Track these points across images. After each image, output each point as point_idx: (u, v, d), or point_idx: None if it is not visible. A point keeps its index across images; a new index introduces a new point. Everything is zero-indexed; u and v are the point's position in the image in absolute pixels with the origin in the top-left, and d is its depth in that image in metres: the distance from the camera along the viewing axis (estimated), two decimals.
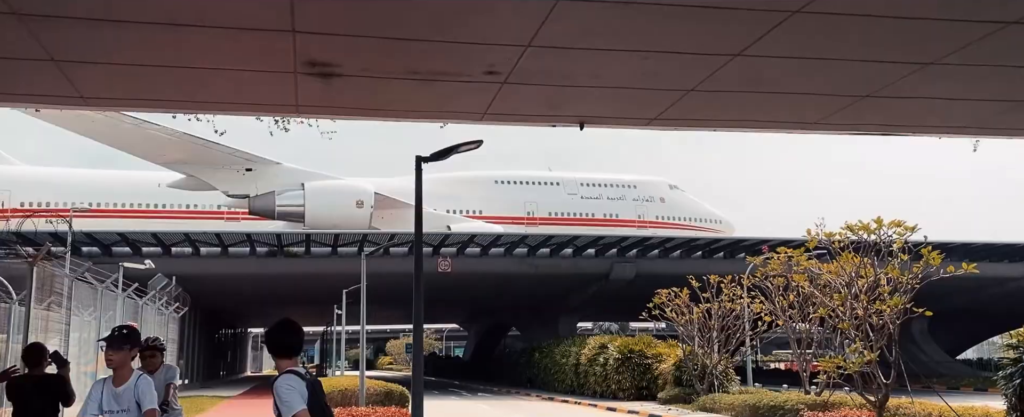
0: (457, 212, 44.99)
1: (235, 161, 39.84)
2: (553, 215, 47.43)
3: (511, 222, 45.24)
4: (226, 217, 42.12)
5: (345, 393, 21.54)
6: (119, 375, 5.13)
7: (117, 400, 5.01)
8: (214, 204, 42.34)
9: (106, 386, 5.05)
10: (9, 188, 40.14)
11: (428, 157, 13.16)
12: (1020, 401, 9.76)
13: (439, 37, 5.10)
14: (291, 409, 4.29)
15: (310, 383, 4.49)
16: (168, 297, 25.65)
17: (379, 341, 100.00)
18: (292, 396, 4.32)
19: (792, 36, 5.06)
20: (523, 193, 47.91)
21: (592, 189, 49.47)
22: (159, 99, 6.36)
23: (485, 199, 46.54)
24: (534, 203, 47.30)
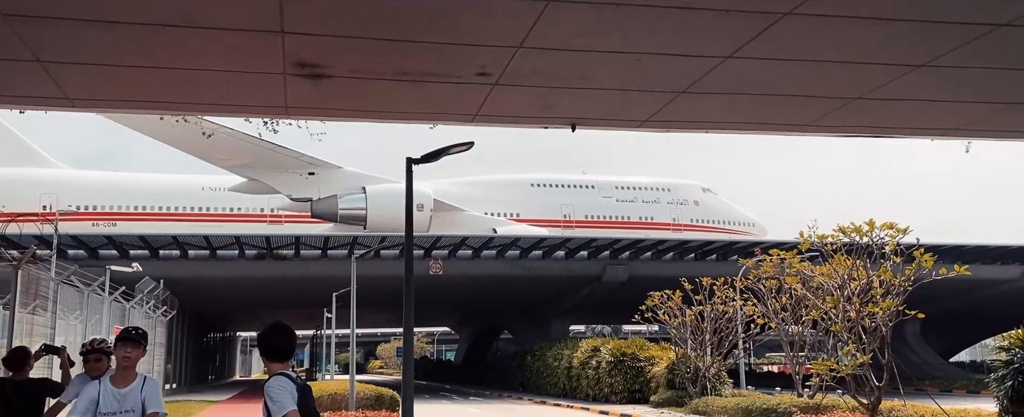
0: (494, 215, 45.41)
1: (299, 165, 40.22)
2: (589, 218, 47.90)
3: (548, 225, 45.67)
4: (269, 220, 42.62)
5: (335, 397, 21.49)
6: (126, 375, 5.03)
7: (120, 401, 4.92)
8: (257, 207, 42.78)
9: (104, 386, 4.93)
10: (56, 191, 40.52)
11: (419, 159, 13.16)
12: (1012, 403, 9.83)
13: (429, 38, 5.11)
14: (282, 409, 4.33)
15: (300, 387, 4.53)
16: (156, 300, 25.52)
17: (369, 345, 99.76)
18: (283, 396, 4.35)
19: (783, 38, 5.08)
20: (559, 196, 48.38)
21: (627, 192, 50.05)
22: (147, 100, 6.34)
23: (522, 202, 46.96)
24: (570, 206, 47.77)
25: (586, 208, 48.18)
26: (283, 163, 40.01)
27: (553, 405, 29.08)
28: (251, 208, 42.83)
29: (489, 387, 43.13)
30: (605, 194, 49.34)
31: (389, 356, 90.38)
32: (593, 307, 43.79)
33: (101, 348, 6.20)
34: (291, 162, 39.96)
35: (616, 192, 49.71)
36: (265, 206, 42.80)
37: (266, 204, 42.66)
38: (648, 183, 51.61)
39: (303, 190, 40.62)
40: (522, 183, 48.67)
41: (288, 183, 40.42)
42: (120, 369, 5.04)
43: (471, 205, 44.45)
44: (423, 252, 35.05)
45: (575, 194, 48.71)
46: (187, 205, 42.62)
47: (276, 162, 39.76)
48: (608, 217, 48.27)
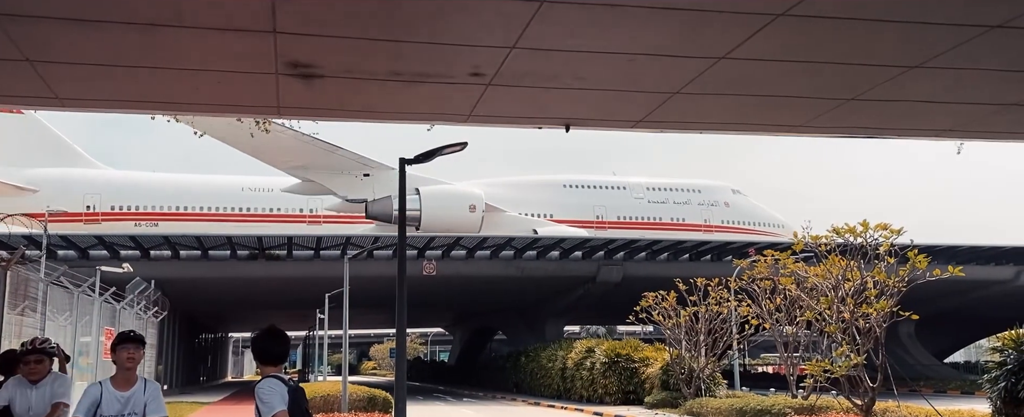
0: (529, 216, 45.78)
1: (354, 166, 40.79)
2: (621, 219, 48.17)
3: (581, 225, 45.94)
4: (308, 221, 43.07)
5: (327, 399, 21.44)
6: (129, 377, 5.05)
7: (123, 404, 4.93)
8: (296, 208, 43.27)
9: (106, 388, 4.94)
10: (99, 192, 41.22)
11: (411, 160, 13.16)
12: (1005, 404, 9.88)
13: (422, 38, 5.11)
14: (271, 409, 4.41)
15: (292, 389, 4.59)
16: (147, 301, 25.44)
17: (362, 346, 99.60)
18: (272, 397, 4.44)
19: (777, 39, 5.10)
20: (591, 197, 48.67)
21: (658, 193, 50.26)
22: (138, 100, 6.32)
23: (555, 203, 47.23)
24: (603, 207, 48.08)
25: (618, 209, 48.58)
26: (339, 164, 40.54)
27: (547, 406, 29.09)
28: (291, 208, 43.44)
29: (483, 388, 43.13)
30: (636, 195, 49.66)
31: (382, 357, 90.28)
32: (587, 308, 43.83)
33: (43, 348, 5.96)
34: (347, 163, 40.53)
35: (647, 193, 50.00)
36: (304, 207, 43.16)
37: (305, 204, 43.00)
38: (678, 184, 51.89)
39: (358, 191, 41.12)
40: (554, 184, 49.03)
41: (343, 184, 40.90)
42: (123, 371, 5.04)
43: (506, 206, 44.97)
44: (416, 252, 35.03)
45: (607, 195, 49.07)
46: (228, 205, 43.09)
47: (332, 163, 40.28)
48: (640, 218, 48.56)
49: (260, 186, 44.88)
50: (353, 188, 41.09)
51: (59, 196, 39.51)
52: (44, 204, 38.88)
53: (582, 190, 48.99)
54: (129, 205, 41.61)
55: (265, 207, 43.66)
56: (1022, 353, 9.67)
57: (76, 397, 5.34)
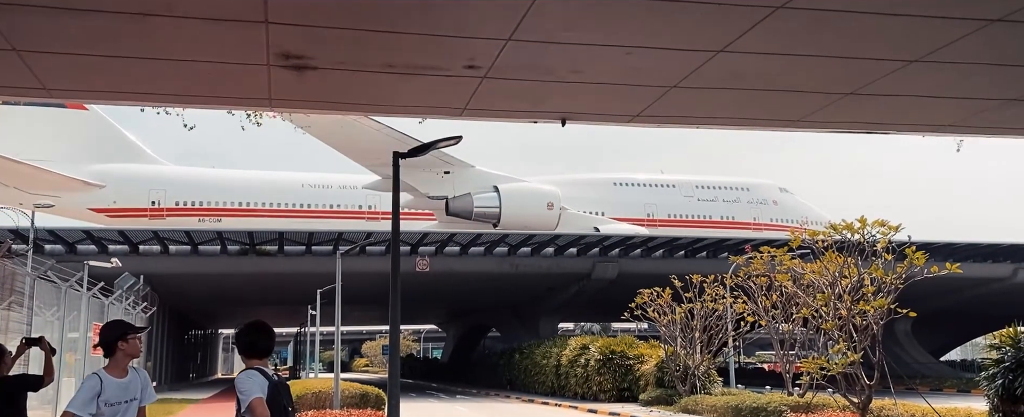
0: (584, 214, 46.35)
1: (436, 164, 41.60)
2: (672, 217, 48.55)
3: (632, 223, 46.44)
4: (366, 217, 44.00)
5: (319, 396, 21.42)
6: (124, 365, 5.20)
7: (124, 390, 5.08)
8: (355, 204, 44.48)
9: (104, 377, 5.05)
10: (164, 188, 42.37)
11: (405, 153, 13.13)
12: (1003, 402, 9.92)
13: (417, 30, 5.08)
14: (248, 396, 4.54)
15: (273, 383, 4.66)
16: (135, 297, 25.35)
17: (354, 342, 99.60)
18: (250, 386, 4.58)
19: (775, 32, 5.10)
20: (641, 195, 49.11)
21: (707, 192, 50.66)
22: (126, 92, 6.28)
23: (606, 201, 47.70)
24: (653, 205, 48.52)
25: (668, 207, 49.01)
26: (422, 162, 40.75)
27: (541, 404, 29.14)
28: (349, 205, 44.66)
29: (476, 385, 43.17)
30: (686, 193, 50.06)
31: (374, 354, 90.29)
32: (582, 305, 43.90)
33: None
34: (429, 161, 40.91)
35: (697, 191, 50.42)
36: (362, 203, 44.29)
37: (362, 201, 44.22)
38: (726, 182, 52.40)
39: (439, 188, 42.17)
40: (605, 182, 49.51)
41: (425, 181, 41.84)
42: (126, 359, 5.20)
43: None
44: (409, 249, 34.99)
45: (657, 193, 49.47)
46: (288, 201, 44.02)
47: (415, 161, 40.58)
48: (690, 216, 48.95)
49: (318, 183, 46.10)
50: (434, 185, 42.14)
51: (125, 191, 41.23)
52: (111, 199, 41.11)
53: (632, 188, 49.51)
54: (193, 201, 42.74)
55: (323, 203, 44.85)
56: (1020, 351, 9.71)
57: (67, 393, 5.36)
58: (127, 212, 41.03)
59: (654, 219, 47.73)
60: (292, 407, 4.85)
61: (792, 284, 16.39)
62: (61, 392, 15.95)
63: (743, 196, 50.81)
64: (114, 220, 40.18)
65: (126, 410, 5.06)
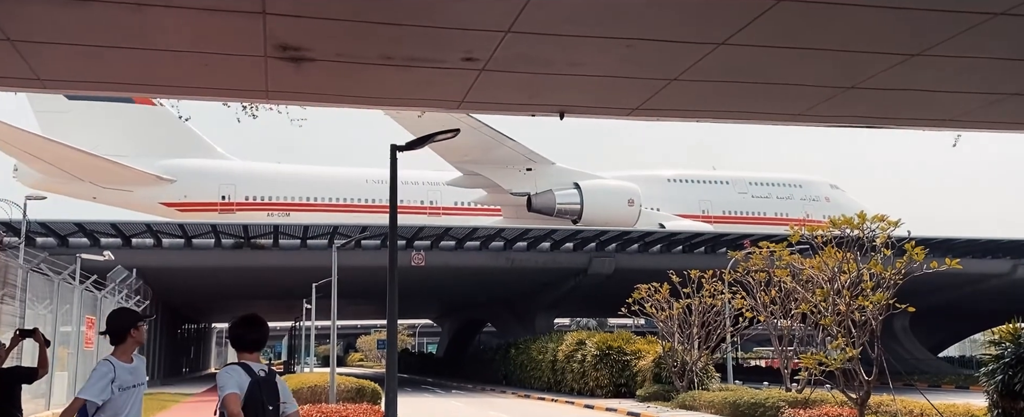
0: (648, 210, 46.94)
1: (520, 160, 42.77)
2: (726, 213, 48.76)
3: (688, 219, 46.72)
4: (428, 212, 44.94)
5: (315, 390, 21.46)
6: (132, 353, 5.42)
7: (133, 375, 5.31)
8: (418, 200, 45.30)
9: (116, 365, 5.24)
10: (234, 183, 43.49)
11: (403, 146, 13.14)
12: (1002, 398, 9.98)
13: (415, 21, 5.08)
14: (223, 392, 4.65)
15: (255, 380, 4.68)
16: (128, 290, 25.35)
17: (350, 337, 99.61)
18: (227, 381, 4.69)
19: (776, 25, 5.11)
20: (696, 191, 49.44)
21: (761, 188, 50.99)
22: (121, 82, 6.27)
23: (661, 197, 47.94)
24: (708, 201, 48.81)
25: (723, 204, 49.33)
26: (506, 158, 42.61)
27: (537, 399, 29.21)
28: (411, 200, 45.48)
29: (472, 380, 43.26)
30: (740, 190, 50.38)
31: (370, 349, 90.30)
32: (578, 300, 43.97)
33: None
34: (513, 157, 42.57)
35: (750, 188, 50.77)
36: (425, 199, 45.49)
37: (425, 197, 45.46)
38: (778, 179, 52.76)
39: (520, 184, 42.97)
40: (659, 178, 49.79)
41: (508, 177, 42.88)
42: (134, 346, 5.41)
43: None
44: (405, 242, 35.00)
45: (711, 189, 49.77)
46: (354, 196, 45.09)
47: (500, 157, 42.41)
48: (743, 213, 49.16)
49: (380, 178, 46.98)
50: (516, 181, 43.03)
51: (195, 186, 42.36)
52: (182, 193, 42.32)
53: (686, 184, 49.86)
54: (262, 195, 43.78)
55: (385, 198, 44.66)
56: (1020, 346, 9.76)
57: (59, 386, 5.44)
58: (197, 206, 42.08)
59: (709, 215, 48.15)
60: (275, 404, 4.77)
61: (791, 279, 16.44)
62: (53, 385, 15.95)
63: (796, 193, 51.16)
64: (184, 214, 41.24)
65: (134, 394, 5.26)
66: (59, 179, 41.20)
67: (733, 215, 48.69)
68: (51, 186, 42.18)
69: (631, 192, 43.59)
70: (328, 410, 15.96)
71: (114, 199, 42.53)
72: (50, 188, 42.28)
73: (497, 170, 42.35)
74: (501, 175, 42.48)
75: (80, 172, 40.82)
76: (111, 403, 5.10)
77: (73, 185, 41.59)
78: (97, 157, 39.98)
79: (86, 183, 41.34)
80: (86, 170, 40.78)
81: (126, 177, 41.30)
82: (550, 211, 42.57)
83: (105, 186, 41.44)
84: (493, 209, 45.04)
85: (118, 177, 41.22)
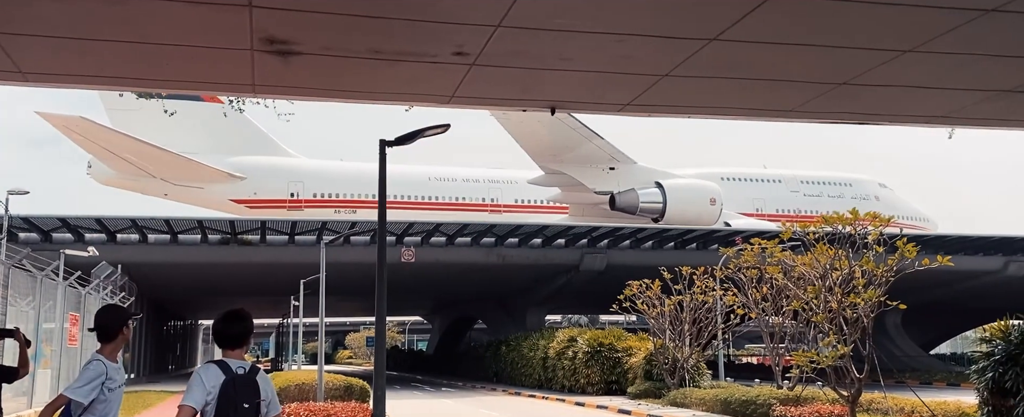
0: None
1: (603, 159, 43.85)
2: (779, 212, 48.93)
3: (750, 218, 47.19)
4: (489, 209, 46.02)
5: (302, 388, 21.40)
6: (119, 351, 5.35)
7: (119, 374, 5.26)
8: (479, 197, 46.82)
9: (107, 363, 5.18)
10: (302, 180, 44.65)
11: (392, 141, 13.11)
12: (992, 395, 10.06)
13: (405, 15, 5.07)
14: (184, 398, 4.47)
15: (231, 379, 4.50)
16: (113, 286, 25.21)
17: (338, 334, 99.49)
18: (193, 387, 4.50)
19: (769, 20, 5.12)
20: (750, 190, 50.02)
21: (813, 187, 51.63)
22: (105, 76, 6.23)
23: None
24: (761, 200, 49.45)
25: (776, 202, 49.85)
26: (591, 157, 43.67)
27: (528, 396, 29.26)
28: (473, 198, 46.96)
29: (462, 378, 43.28)
30: (792, 188, 50.93)
31: (358, 346, 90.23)
32: (570, 297, 44.04)
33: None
34: (597, 156, 43.61)
35: (802, 187, 51.35)
36: (486, 196, 46.80)
37: (486, 195, 46.86)
38: (829, 177, 53.40)
39: (604, 183, 44.04)
40: (714, 176, 50.11)
41: (591, 177, 43.87)
42: (122, 344, 5.35)
43: None
44: (395, 239, 34.96)
45: (765, 188, 50.32)
46: (416, 194, 45.95)
47: (586, 155, 43.50)
48: (796, 211, 49.39)
49: (444, 176, 48.40)
50: (599, 180, 44.05)
51: (265, 183, 43.71)
52: (251, 190, 43.65)
53: (741, 183, 50.42)
54: (328, 193, 44.83)
55: (448, 196, 47.03)
56: (1010, 344, 9.84)
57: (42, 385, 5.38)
58: (267, 203, 43.02)
59: (762, 213, 48.73)
60: (252, 402, 4.57)
61: (782, 276, 16.51)
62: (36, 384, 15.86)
63: (846, 192, 51.67)
64: (253, 211, 41.99)
65: (119, 394, 5.18)
66: (132, 176, 42.51)
67: (786, 213, 48.86)
68: (123, 183, 44.08)
69: (712, 191, 44.32)
70: (316, 408, 15.93)
71: (185, 196, 43.68)
72: (122, 185, 44.57)
73: (581, 169, 43.35)
74: (585, 173, 43.46)
75: (155, 169, 42.08)
76: (101, 404, 5.01)
77: (145, 182, 42.85)
78: (176, 155, 41.18)
79: (158, 180, 42.59)
80: (161, 167, 42.01)
81: (199, 174, 42.41)
82: (633, 210, 43.41)
83: (177, 183, 42.65)
84: (556, 207, 46.03)
85: (191, 174, 42.31)
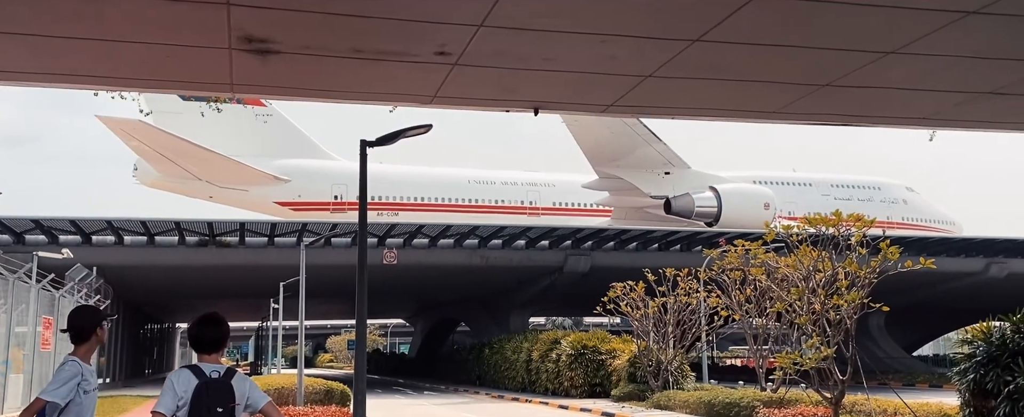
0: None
1: (659, 163, 44.78)
2: (812, 215, 49.01)
3: (788, 221, 47.21)
4: (527, 213, 46.67)
5: (282, 392, 21.29)
6: (93, 353, 5.28)
7: (93, 376, 5.20)
8: (517, 200, 47.68)
9: (82, 365, 5.12)
10: (346, 183, 44.62)
11: (373, 141, 13.07)
12: (974, 396, 10.16)
13: (386, 14, 5.05)
14: (155, 406, 4.51)
15: (204, 383, 4.52)
16: (88, 289, 24.94)
17: (319, 337, 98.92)
18: (165, 393, 4.53)
19: (752, 21, 5.15)
20: (782, 193, 50.16)
21: (843, 191, 52.09)
22: (77, 75, 6.15)
23: None
24: (793, 203, 49.41)
25: (808, 205, 49.90)
26: (647, 161, 44.43)
27: (511, 400, 29.25)
28: (512, 200, 47.73)
29: (444, 381, 43.20)
30: (823, 192, 51.23)
31: (339, 349, 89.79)
32: (554, 299, 44.08)
33: None
34: (654, 160, 44.30)
35: (833, 190, 51.75)
36: (524, 199, 47.60)
37: (524, 197, 47.64)
38: (858, 181, 53.89)
39: (659, 188, 44.93)
40: (746, 179, 50.56)
41: (647, 181, 44.85)
42: (96, 346, 5.28)
43: None
44: (376, 240, 34.83)
45: (797, 192, 50.53)
46: (458, 197, 47.05)
47: (642, 160, 44.33)
48: (829, 214, 49.62)
49: (482, 179, 49.45)
50: (654, 185, 44.92)
51: (309, 186, 44.24)
52: (296, 193, 44.32)
53: (773, 186, 50.71)
54: (373, 196, 45.02)
55: (487, 198, 47.98)
56: (992, 345, 9.94)
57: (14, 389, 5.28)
58: (311, 206, 43.50)
59: (794, 216, 49.08)
60: (226, 406, 4.58)
61: (766, 278, 16.62)
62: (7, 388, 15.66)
63: (875, 195, 52.34)
64: (298, 213, 42.27)
65: (93, 397, 5.12)
66: (178, 179, 43.11)
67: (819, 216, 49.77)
68: (168, 185, 44.61)
69: (766, 196, 44.93)
70: (295, 413, 15.86)
71: (230, 198, 44.15)
72: (167, 187, 45.08)
73: (637, 173, 44.23)
74: (640, 178, 44.34)
75: (202, 172, 42.67)
76: (76, 406, 4.97)
77: (191, 184, 43.48)
78: (227, 158, 41.86)
79: (204, 182, 43.20)
80: (209, 170, 42.63)
81: (245, 177, 43.06)
82: (688, 214, 44.08)
83: (223, 185, 43.35)
84: (597, 210, 46.75)
85: (237, 177, 42.99)
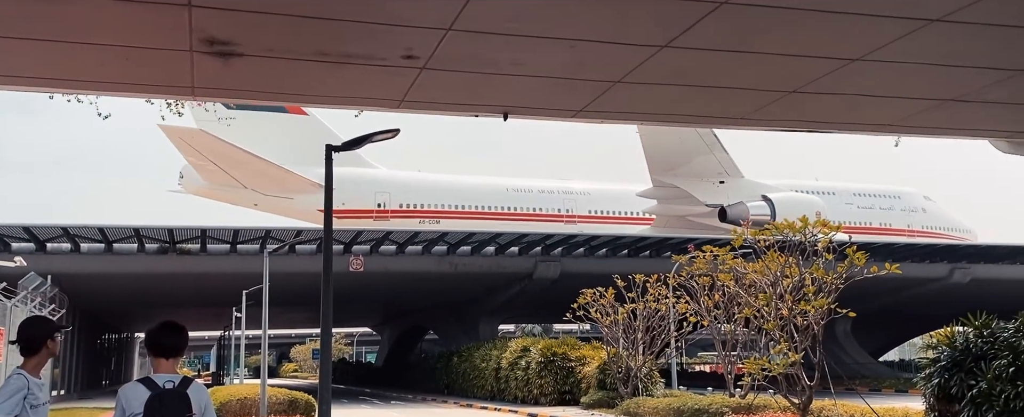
0: None
1: (715, 172, 45.95)
2: (834, 223, 49.29)
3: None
4: (565, 220, 47.43)
5: (244, 402, 21.00)
6: (43, 366, 5.16)
7: (42, 391, 5.03)
8: (555, 208, 48.77)
9: (29, 379, 4.96)
10: (388, 191, 45.53)
11: (339, 146, 12.99)
12: (939, 401, 10.36)
13: (352, 16, 5.03)
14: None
15: (157, 394, 4.50)
16: (42, 298, 24.37)
17: (283, 347, 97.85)
18: (116, 409, 4.53)
19: (719, 28, 5.22)
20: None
21: (865, 199, 53.06)
22: (37, 77, 6.04)
23: None
24: (818, 212, 49.93)
25: (833, 214, 50.42)
26: (704, 169, 45.30)
27: (480, 408, 29.18)
28: (549, 208, 48.59)
29: (412, 390, 42.96)
30: (846, 201, 52.14)
31: (304, 359, 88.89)
32: (523, 305, 44.11)
33: None
34: (711, 168, 45.26)
35: (855, 199, 52.74)
36: (561, 207, 48.72)
37: (561, 205, 48.82)
38: (878, 190, 54.83)
39: (713, 196, 46.10)
40: (765, 188, 50.96)
41: (702, 189, 45.98)
42: (47, 358, 5.14)
43: None
44: (342, 248, 34.57)
45: (822, 201, 50.89)
46: (497, 205, 48.05)
47: (699, 168, 45.26)
48: (850, 223, 50.36)
49: (521, 187, 50.39)
50: (710, 193, 45.94)
51: (353, 194, 43.99)
52: (340, 201, 43.38)
53: (796, 195, 51.28)
54: (414, 203, 46.30)
55: (526, 206, 48.83)
56: (956, 350, 10.16)
57: None
58: (354, 213, 43.77)
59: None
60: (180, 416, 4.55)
61: (734, 284, 16.80)
62: None
63: (896, 204, 53.41)
64: (341, 221, 42.28)
65: (42, 413, 4.97)
66: (224, 187, 44.01)
67: (845, 225, 50.16)
68: (214, 193, 45.55)
69: (817, 205, 45.25)
70: None
71: (274, 206, 44.76)
72: (212, 195, 46.01)
73: (693, 181, 45.28)
74: (696, 186, 45.40)
75: (249, 180, 43.52)
76: None
77: (236, 192, 44.41)
78: (275, 166, 42.57)
79: (250, 190, 44.08)
80: (256, 178, 43.48)
81: (291, 185, 43.68)
82: (743, 222, 44.40)
83: (268, 193, 44.13)
84: (634, 218, 47.79)
85: (283, 185, 43.71)
